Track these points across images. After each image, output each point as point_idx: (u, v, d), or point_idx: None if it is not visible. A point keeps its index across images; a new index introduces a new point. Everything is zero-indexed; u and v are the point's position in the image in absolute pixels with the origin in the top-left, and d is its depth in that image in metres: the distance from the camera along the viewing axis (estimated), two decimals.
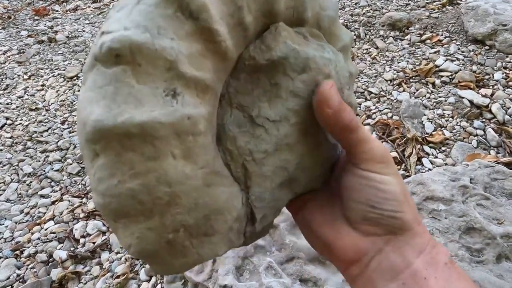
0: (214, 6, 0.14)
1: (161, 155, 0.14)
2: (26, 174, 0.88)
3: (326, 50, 0.19)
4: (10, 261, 0.68)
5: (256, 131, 0.18)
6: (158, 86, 0.13)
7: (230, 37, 0.15)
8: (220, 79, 0.16)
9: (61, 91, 1.16)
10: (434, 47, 0.99)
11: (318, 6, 0.20)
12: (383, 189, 0.21)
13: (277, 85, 0.18)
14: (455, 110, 0.79)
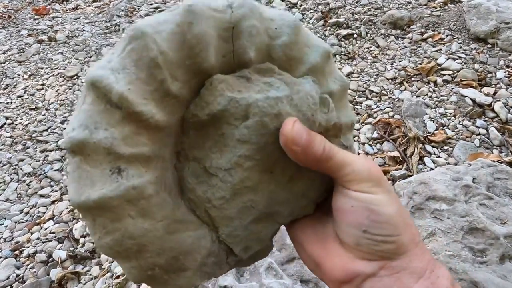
0: (135, 90, 0.16)
1: (121, 217, 0.17)
2: (26, 173, 0.88)
3: (274, 87, 0.19)
4: (9, 261, 0.68)
5: (211, 180, 0.20)
6: (105, 167, 0.17)
7: (160, 109, 0.17)
8: (164, 144, 0.18)
9: (61, 90, 1.15)
10: (436, 46, 0.99)
11: (267, 37, 0.19)
12: (375, 210, 0.20)
13: (223, 135, 0.19)
14: (457, 109, 0.78)
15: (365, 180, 0.20)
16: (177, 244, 0.19)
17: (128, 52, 0.17)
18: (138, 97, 0.16)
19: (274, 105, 0.19)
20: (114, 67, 0.16)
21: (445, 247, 0.49)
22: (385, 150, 0.72)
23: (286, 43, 0.19)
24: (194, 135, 0.19)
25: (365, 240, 0.20)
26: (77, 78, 1.20)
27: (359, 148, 0.73)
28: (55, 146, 0.94)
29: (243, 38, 0.18)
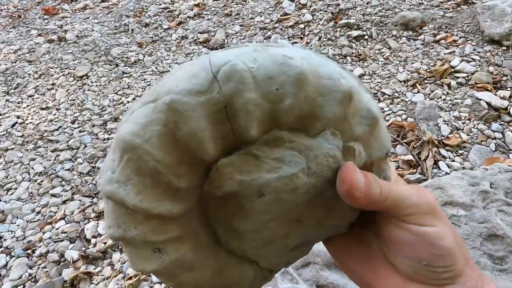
0: (146, 197, 0.17)
1: (174, 275, 0.20)
2: (37, 173, 0.88)
3: (286, 162, 0.17)
4: (22, 260, 0.68)
5: (242, 237, 0.20)
6: (147, 249, 0.18)
7: (176, 203, 0.18)
8: (190, 219, 0.19)
9: (71, 90, 1.16)
10: (449, 48, 0.97)
11: (268, 104, 0.16)
12: (437, 244, 0.19)
13: (243, 206, 0.18)
14: (472, 112, 0.77)
15: (425, 213, 0.19)
16: (226, 279, 0.21)
17: (126, 162, 0.16)
18: (151, 202, 0.17)
19: (288, 183, 0.17)
20: (119, 180, 0.17)
21: None
22: (399, 154, 0.71)
23: (292, 105, 0.16)
24: (215, 203, 0.19)
25: (424, 271, 0.20)
26: (87, 78, 1.21)
27: None
28: (66, 146, 0.94)
29: (240, 117, 0.16)
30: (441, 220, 0.20)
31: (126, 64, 1.24)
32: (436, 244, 0.19)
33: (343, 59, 1.03)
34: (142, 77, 1.16)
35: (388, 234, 0.20)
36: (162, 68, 1.19)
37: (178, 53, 1.26)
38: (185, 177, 0.17)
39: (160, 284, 0.59)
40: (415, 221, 0.19)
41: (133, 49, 1.32)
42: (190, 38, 1.32)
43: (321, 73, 0.16)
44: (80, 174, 0.86)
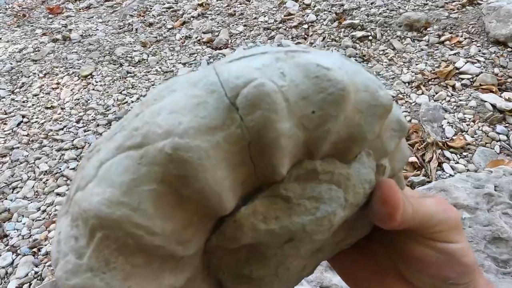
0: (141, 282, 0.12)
1: None
2: (43, 172, 0.89)
3: (323, 200, 0.14)
4: (28, 259, 0.69)
5: (255, 281, 0.16)
6: None
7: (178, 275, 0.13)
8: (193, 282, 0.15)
9: (76, 89, 1.17)
10: (454, 49, 0.97)
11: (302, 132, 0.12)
12: (463, 262, 0.18)
13: (264, 253, 0.15)
14: (476, 114, 0.77)
15: (452, 229, 0.18)
16: None
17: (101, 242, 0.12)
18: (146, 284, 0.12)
19: (326, 223, 0.14)
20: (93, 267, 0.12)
21: None
22: None
23: (332, 130, 0.13)
24: (221, 253, 0.15)
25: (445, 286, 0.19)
26: (91, 77, 1.21)
27: None
28: (70, 145, 0.95)
29: (269, 155, 0.12)
30: (463, 235, 0.19)
31: (130, 64, 1.25)
32: (462, 261, 0.18)
33: None
34: (146, 76, 1.16)
35: (411, 252, 0.19)
36: (166, 68, 1.19)
37: (182, 53, 1.26)
38: (192, 241, 0.13)
39: None
40: (442, 238, 0.18)
41: (137, 48, 1.33)
42: (194, 38, 1.32)
43: (358, 85, 0.13)
44: None
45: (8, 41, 1.57)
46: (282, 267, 0.16)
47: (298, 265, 0.17)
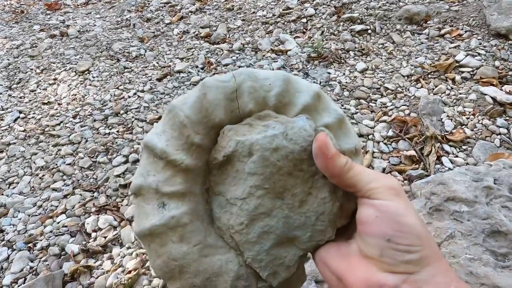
0: (171, 144, 0.24)
1: (166, 242, 0.23)
2: (39, 167, 0.89)
3: (271, 127, 0.24)
4: (23, 254, 0.69)
5: (232, 209, 0.24)
6: (154, 203, 0.23)
7: (189, 156, 0.24)
8: (194, 182, 0.24)
9: (73, 85, 1.16)
10: (454, 42, 0.96)
11: (263, 91, 0.25)
12: (399, 220, 0.20)
13: (237, 171, 0.24)
14: (476, 108, 0.75)
15: (388, 190, 0.21)
16: (210, 266, 0.24)
17: (166, 121, 0.24)
18: (173, 149, 0.24)
19: (271, 141, 0.23)
20: (158, 132, 0.24)
21: (465, 250, 0.47)
22: (401, 149, 0.70)
23: (278, 93, 0.25)
24: (217, 173, 0.25)
25: (388, 250, 0.20)
26: (88, 73, 1.20)
27: (374, 147, 0.71)
28: (67, 140, 0.94)
29: (244, 96, 0.24)
30: (404, 200, 0.21)
31: (128, 59, 1.24)
32: (398, 219, 0.20)
33: (346, 54, 1.02)
34: (144, 72, 1.15)
35: (358, 217, 0.22)
36: (164, 63, 1.18)
37: (179, 47, 1.25)
38: (201, 135, 0.24)
39: (159, 278, 0.59)
40: (377, 196, 0.21)
41: (134, 44, 1.32)
42: (191, 33, 1.31)
43: (301, 81, 0.26)
44: (81, 168, 0.86)
45: (6, 37, 1.56)
46: (249, 191, 0.23)
47: (263, 200, 0.23)
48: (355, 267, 0.22)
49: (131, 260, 0.63)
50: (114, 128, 0.95)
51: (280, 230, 0.24)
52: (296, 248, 0.25)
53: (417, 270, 0.20)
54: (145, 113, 0.98)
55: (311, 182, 0.24)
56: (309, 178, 0.24)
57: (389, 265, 0.20)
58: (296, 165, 0.24)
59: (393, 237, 0.20)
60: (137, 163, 0.84)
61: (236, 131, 0.24)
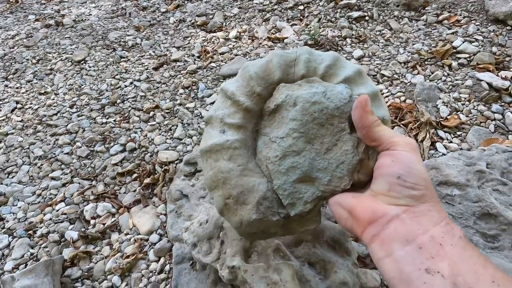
0: (239, 90, 0.34)
1: (219, 159, 0.32)
2: (37, 156, 0.89)
3: (314, 87, 0.32)
4: (23, 241, 0.70)
5: (272, 145, 0.33)
6: (218, 129, 0.33)
7: (249, 100, 0.34)
8: (249, 121, 0.34)
9: (69, 75, 1.16)
10: (452, 28, 0.95)
11: (315, 63, 0.34)
12: (411, 165, 0.25)
13: (283, 117, 0.32)
14: (472, 94, 0.75)
15: (406, 144, 0.26)
16: (245, 183, 0.32)
17: (240, 75, 0.35)
18: (239, 93, 0.34)
19: (312, 96, 0.31)
20: (232, 81, 0.35)
21: None
22: None
23: (327, 65, 0.34)
24: (267, 119, 0.34)
25: (396, 186, 0.25)
26: (84, 62, 1.20)
27: None
28: (64, 130, 0.95)
29: (300, 64, 0.34)
30: (417, 154, 0.26)
31: (124, 48, 1.23)
32: (410, 165, 0.25)
33: (343, 41, 1.01)
34: (140, 61, 1.15)
35: (377, 164, 0.27)
36: (160, 52, 1.17)
37: (176, 36, 1.24)
38: (261, 87, 0.34)
39: (156, 262, 0.60)
40: (396, 148, 0.26)
41: (130, 33, 1.31)
42: (188, 21, 1.30)
43: (348, 62, 0.35)
44: (79, 157, 0.86)
45: (1, 28, 1.55)
46: (288, 132, 0.32)
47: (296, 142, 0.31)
48: (364, 201, 0.27)
49: (129, 245, 0.64)
50: (111, 118, 0.95)
51: (306, 168, 0.31)
52: (315, 188, 0.32)
53: (417, 204, 0.24)
54: (142, 102, 0.98)
55: (338, 136, 0.31)
56: (337, 133, 0.31)
57: (394, 198, 0.25)
58: (328, 119, 0.31)
59: (403, 175, 0.25)
60: (134, 151, 0.84)
61: (288, 88, 0.33)
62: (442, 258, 0.22)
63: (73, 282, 0.61)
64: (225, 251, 0.47)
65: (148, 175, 0.76)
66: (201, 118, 0.88)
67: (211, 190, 0.34)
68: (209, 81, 1.00)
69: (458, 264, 0.22)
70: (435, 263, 0.22)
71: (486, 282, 0.21)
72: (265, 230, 0.33)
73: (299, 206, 0.32)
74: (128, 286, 0.58)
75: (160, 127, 0.88)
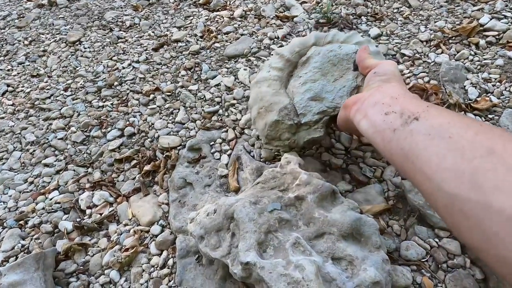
0: (285, 50, 0.59)
1: (262, 86, 0.57)
2: (29, 142, 0.83)
3: (334, 44, 0.57)
4: (14, 231, 0.65)
5: (299, 79, 0.54)
6: (266, 70, 0.59)
7: (290, 54, 0.58)
8: (287, 67, 0.57)
9: (63, 56, 1.09)
10: (477, 4, 0.87)
11: (338, 35, 0.59)
12: (384, 67, 0.42)
13: (309, 63, 0.55)
14: (503, 74, 0.69)
15: (388, 64, 0.44)
16: (274, 99, 0.53)
17: (289, 44, 0.60)
18: (285, 51, 0.58)
19: (331, 48, 0.55)
20: (283, 48, 0.60)
21: None
22: None
23: (347, 36, 0.59)
24: (299, 68, 0.56)
25: (372, 78, 0.42)
26: (79, 43, 1.12)
27: None
28: (58, 114, 0.88)
29: (328, 37, 0.58)
30: (393, 66, 0.43)
31: (121, 29, 1.15)
32: (383, 66, 0.43)
33: (358, 19, 0.93)
34: (138, 41, 1.07)
35: (365, 79, 0.45)
36: (160, 32, 1.10)
37: (176, 16, 1.16)
38: (299, 48, 0.58)
39: (159, 256, 0.55)
40: (379, 65, 0.44)
41: (128, 12, 1.23)
42: (189, 0, 1.22)
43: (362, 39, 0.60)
44: (74, 143, 0.80)
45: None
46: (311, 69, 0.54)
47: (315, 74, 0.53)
48: (352, 96, 0.43)
49: (128, 237, 0.58)
50: (108, 101, 0.89)
51: (318, 90, 0.51)
52: (322, 104, 0.50)
53: (384, 85, 0.39)
54: (141, 85, 0.91)
55: (344, 72, 0.52)
56: (344, 70, 0.52)
57: (369, 87, 0.41)
58: (340, 61, 0.53)
59: (377, 72, 0.41)
60: (133, 137, 0.78)
61: (316, 47, 0.56)
62: (396, 104, 0.34)
63: (67, 277, 0.56)
64: (236, 245, 0.41)
65: (149, 162, 0.70)
66: (204, 101, 0.82)
67: (251, 107, 0.56)
68: (213, 62, 0.93)
69: (406, 104, 0.33)
70: (391, 108, 0.34)
71: (422, 106, 0.32)
72: (280, 136, 0.52)
73: (309, 115, 0.50)
74: (128, 281, 0.52)
75: (161, 111, 0.82)
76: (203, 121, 0.76)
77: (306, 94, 0.50)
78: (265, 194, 0.45)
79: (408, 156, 0.28)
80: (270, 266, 0.36)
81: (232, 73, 0.87)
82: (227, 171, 0.63)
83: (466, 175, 0.23)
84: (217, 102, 0.79)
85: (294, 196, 0.44)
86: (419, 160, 0.27)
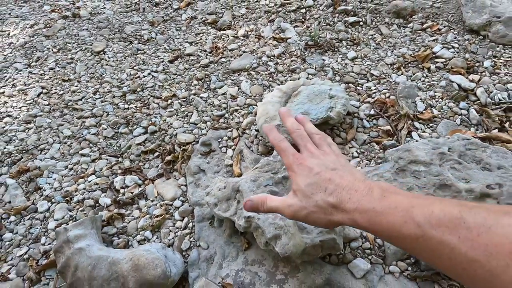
0: (284, 87, 0.91)
1: (267, 106, 0.84)
2: (66, 136, 1.01)
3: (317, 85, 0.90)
4: (62, 205, 0.82)
5: (293, 103, 0.84)
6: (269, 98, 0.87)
7: (287, 90, 0.87)
8: (284, 97, 0.86)
9: (90, 64, 1.26)
10: (434, 35, 1.09)
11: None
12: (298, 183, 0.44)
13: (299, 94, 0.86)
14: (444, 93, 0.90)
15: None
16: (276, 113, 0.81)
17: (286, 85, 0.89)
18: (285, 88, 0.88)
19: (313, 87, 0.86)
20: (282, 86, 0.88)
21: None
22: (380, 125, 0.84)
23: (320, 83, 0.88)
24: (292, 98, 0.86)
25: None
26: (103, 53, 1.30)
27: (358, 123, 0.85)
28: (90, 114, 1.06)
29: (312, 83, 0.90)
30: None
31: (140, 42, 1.34)
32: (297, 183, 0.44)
33: (339, 43, 1.14)
34: (156, 54, 1.26)
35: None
36: (174, 46, 1.29)
37: (188, 32, 1.35)
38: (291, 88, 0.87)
39: (181, 221, 0.73)
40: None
41: (145, 27, 1.41)
42: (199, 19, 1.41)
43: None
44: (105, 137, 0.98)
45: (18, 17, 1.63)
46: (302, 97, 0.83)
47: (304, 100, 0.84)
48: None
49: (156, 209, 0.77)
50: (132, 104, 1.07)
51: (306, 108, 0.81)
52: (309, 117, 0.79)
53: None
54: (160, 91, 1.10)
55: (322, 100, 0.81)
56: (322, 99, 0.81)
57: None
58: (319, 94, 0.82)
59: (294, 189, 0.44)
60: (155, 134, 0.97)
61: (304, 86, 0.87)
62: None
63: (110, 237, 0.74)
64: (241, 208, 0.60)
65: (169, 154, 0.89)
66: (213, 107, 1.01)
67: (259, 118, 0.80)
68: (220, 74, 1.12)
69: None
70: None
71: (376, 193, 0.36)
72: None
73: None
74: (159, 239, 0.71)
75: (178, 113, 1.01)
76: (212, 123, 0.95)
77: (299, 110, 0.77)
78: (261, 175, 0.65)
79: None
80: (263, 217, 0.55)
81: (236, 84, 1.06)
82: (231, 161, 0.82)
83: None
84: (224, 108, 0.99)
85: (282, 176, 0.64)
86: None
